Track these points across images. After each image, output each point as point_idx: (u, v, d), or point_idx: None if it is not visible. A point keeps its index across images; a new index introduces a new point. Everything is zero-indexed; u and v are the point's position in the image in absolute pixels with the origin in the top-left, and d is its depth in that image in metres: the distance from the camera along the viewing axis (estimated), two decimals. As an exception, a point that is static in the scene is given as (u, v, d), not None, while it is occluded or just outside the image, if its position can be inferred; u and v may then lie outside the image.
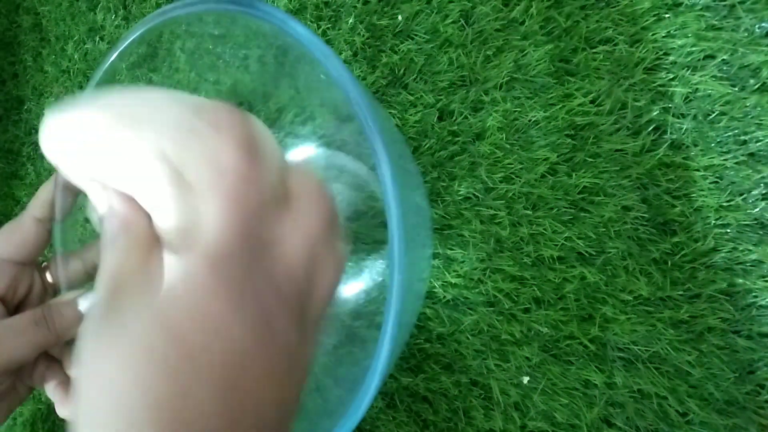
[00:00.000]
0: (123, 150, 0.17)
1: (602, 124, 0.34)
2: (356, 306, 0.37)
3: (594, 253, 0.34)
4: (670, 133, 0.32)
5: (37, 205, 0.27)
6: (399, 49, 0.40)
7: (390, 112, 0.40)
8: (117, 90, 0.18)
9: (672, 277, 0.32)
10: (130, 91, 0.18)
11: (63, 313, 0.25)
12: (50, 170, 0.64)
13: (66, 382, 0.27)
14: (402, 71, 0.40)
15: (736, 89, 0.31)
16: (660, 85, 0.32)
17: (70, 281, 0.28)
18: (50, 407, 0.62)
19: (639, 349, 0.33)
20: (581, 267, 0.34)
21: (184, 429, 0.14)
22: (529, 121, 0.36)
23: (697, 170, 0.31)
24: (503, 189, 0.37)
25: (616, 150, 0.34)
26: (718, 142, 0.31)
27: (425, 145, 0.39)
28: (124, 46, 0.28)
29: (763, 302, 0.30)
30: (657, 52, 0.32)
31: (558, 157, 0.35)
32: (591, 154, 0.34)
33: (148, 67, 0.32)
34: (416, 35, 0.40)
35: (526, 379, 0.36)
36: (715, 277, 0.31)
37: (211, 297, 0.15)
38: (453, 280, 0.38)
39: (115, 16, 0.57)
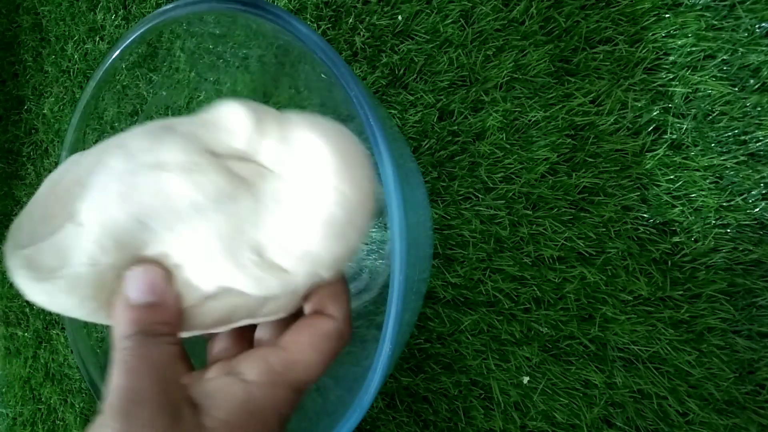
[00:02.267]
0: None
1: (602, 124, 0.34)
2: (356, 306, 0.36)
3: (594, 253, 0.34)
4: (670, 133, 0.32)
5: None
6: (399, 49, 0.40)
7: (390, 112, 0.40)
8: None
9: (672, 277, 0.32)
10: None
11: None
12: (50, 170, 0.64)
13: None
14: (402, 71, 0.40)
15: (736, 89, 0.31)
16: (660, 85, 0.32)
17: None
18: (50, 407, 0.62)
19: (639, 349, 0.33)
20: (581, 267, 0.34)
21: None
22: (529, 121, 0.36)
23: (697, 170, 0.31)
24: (503, 189, 0.37)
25: (616, 150, 0.34)
26: (718, 142, 0.31)
27: (425, 145, 0.39)
28: (124, 45, 0.28)
29: (763, 302, 0.30)
30: (657, 52, 0.32)
31: (558, 157, 0.35)
32: (591, 154, 0.34)
33: (148, 66, 0.32)
34: (416, 35, 0.40)
35: (526, 379, 0.36)
36: (715, 277, 0.31)
37: None
38: (453, 280, 0.38)
39: (115, 16, 0.57)
